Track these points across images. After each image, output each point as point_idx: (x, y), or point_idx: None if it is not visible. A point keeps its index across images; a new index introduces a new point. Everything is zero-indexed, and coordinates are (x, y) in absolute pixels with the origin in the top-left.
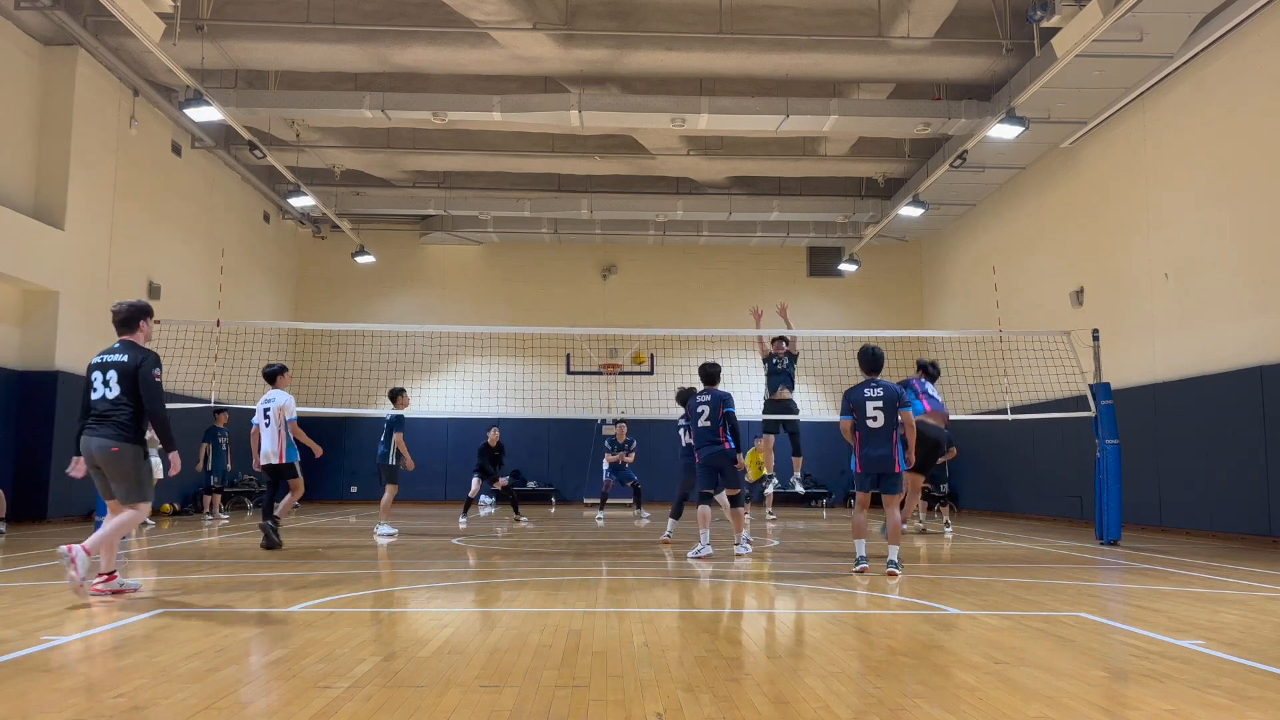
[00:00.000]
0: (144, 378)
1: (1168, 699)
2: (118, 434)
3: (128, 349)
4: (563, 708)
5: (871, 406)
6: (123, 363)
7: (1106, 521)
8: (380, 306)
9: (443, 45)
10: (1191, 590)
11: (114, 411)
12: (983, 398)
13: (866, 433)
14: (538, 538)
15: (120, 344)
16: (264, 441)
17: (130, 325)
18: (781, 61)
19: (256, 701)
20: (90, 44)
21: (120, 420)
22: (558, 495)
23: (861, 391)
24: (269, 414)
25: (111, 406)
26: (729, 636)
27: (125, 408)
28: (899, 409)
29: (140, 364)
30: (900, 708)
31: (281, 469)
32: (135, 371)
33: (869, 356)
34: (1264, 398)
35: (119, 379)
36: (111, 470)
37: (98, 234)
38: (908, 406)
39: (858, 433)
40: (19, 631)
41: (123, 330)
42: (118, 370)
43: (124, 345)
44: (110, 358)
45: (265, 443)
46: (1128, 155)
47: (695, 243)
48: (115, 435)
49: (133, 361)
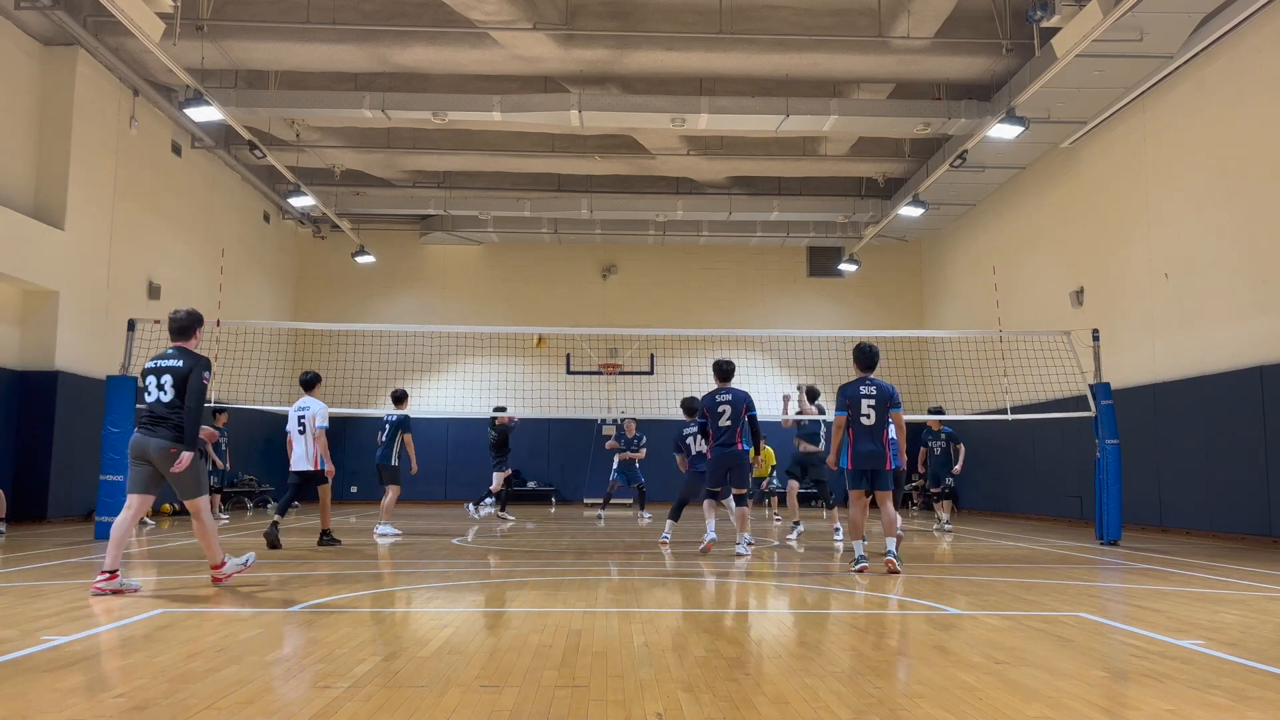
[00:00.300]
0: (194, 382)
1: (1168, 699)
2: (175, 436)
3: (182, 355)
4: (563, 708)
5: (866, 404)
6: (177, 368)
7: (1106, 521)
8: (380, 306)
9: (443, 45)
10: (1191, 590)
11: (170, 415)
12: (983, 398)
13: (859, 429)
14: (538, 538)
15: (174, 349)
16: (297, 447)
17: (186, 333)
18: (781, 61)
19: (256, 701)
20: (90, 44)
21: (176, 423)
22: (558, 495)
23: (857, 388)
24: (304, 421)
25: (167, 410)
26: (729, 636)
27: (180, 411)
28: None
29: (193, 369)
30: (900, 708)
31: (312, 475)
32: (188, 376)
33: (865, 354)
34: (1264, 398)
35: (173, 383)
36: (169, 469)
37: (98, 234)
38: (899, 407)
39: (850, 429)
40: (19, 631)
41: (178, 337)
42: (172, 375)
43: (178, 351)
44: (164, 363)
45: (298, 448)
46: (1128, 155)
47: (695, 243)
48: (173, 438)
49: (186, 367)
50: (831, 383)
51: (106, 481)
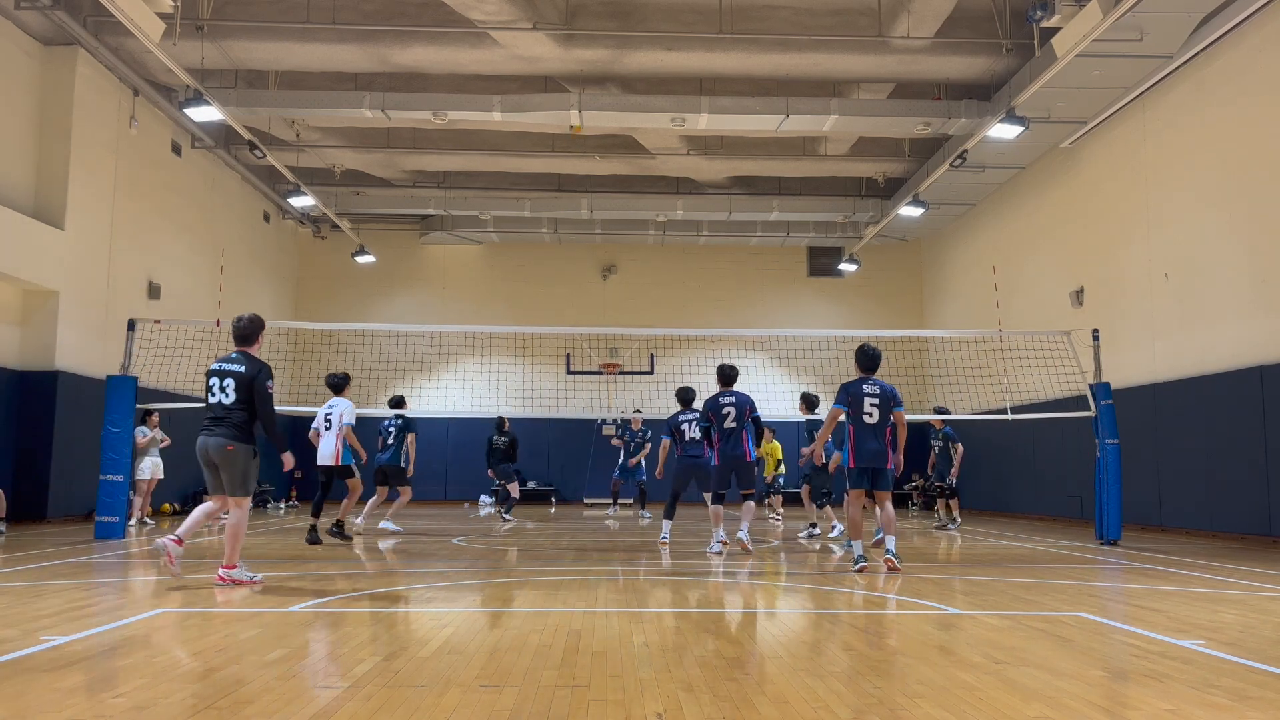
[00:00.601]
0: (259, 388)
1: (1168, 699)
2: (233, 434)
3: (245, 360)
4: (563, 708)
5: (869, 402)
6: (240, 372)
7: (1106, 521)
8: (380, 306)
9: (443, 45)
10: (1191, 590)
11: (229, 414)
12: (983, 398)
13: (862, 427)
14: (538, 538)
15: (238, 354)
16: (323, 444)
17: (249, 339)
18: (781, 61)
19: (256, 701)
20: (90, 44)
21: (235, 422)
22: (558, 495)
23: (860, 386)
24: (330, 418)
25: (227, 410)
26: (729, 636)
27: (240, 411)
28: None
29: (256, 375)
30: (900, 708)
31: (337, 470)
32: (251, 381)
33: (868, 355)
34: (1264, 398)
35: (235, 387)
36: (224, 464)
37: (98, 234)
38: (900, 406)
39: (851, 427)
40: (19, 631)
41: (241, 343)
42: (235, 379)
43: (241, 356)
44: (228, 366)
45: (324, 445)
46: (1128, 155)
47: (695, 243)
48: (230, 435)
49: (249, 372)
50: (832, 383)
51: (106, 481)
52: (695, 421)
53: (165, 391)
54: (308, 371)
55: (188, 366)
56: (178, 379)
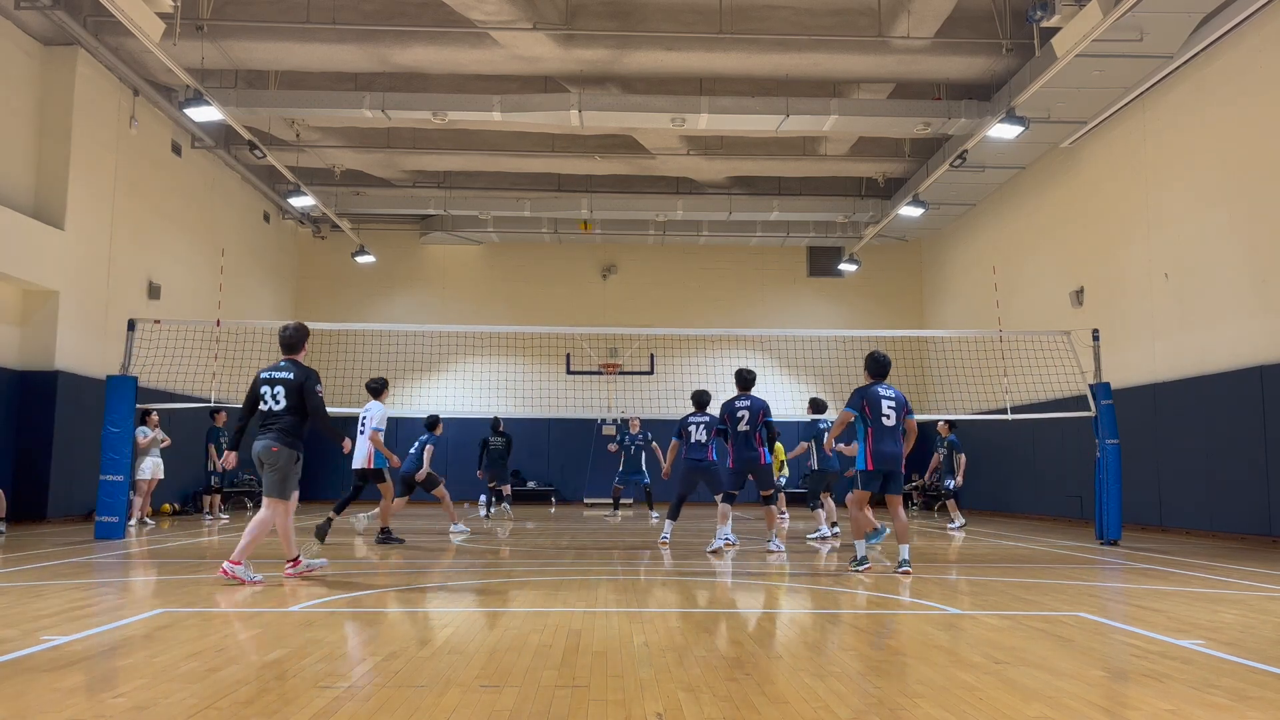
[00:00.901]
0: (309, 392)
1: (1168, 699)
2: (279, 437)
3: (293, 367)
4: (563, 708)
5: (886, 405)
6: (289, 379)
7: (1106, 521)
8: (380, 306)
9: (443, 45)
10: (1191, 590)
11: (279, 419)
12: (983, 398)
13: (880, 429)
14: (538, 538)
15: (286, 362)
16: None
17: (295, 348)
18: (781, 61)
19: (256, 701)
20: (90, 44)
21: (283, 426)
22: (558, 495)
23: (876, 389)
24: (364, 422)
25: (277, 416)
26: (729, 636)
27: (289, 416)
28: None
29: (305, 381)
30: (900, 708)
31: (369, 474)
32: (300, 386)
33: (879, 363)
34: (1264, 398)
35: (285, 393)
36: (269, 465)
37: (98, 234)
38: (912, 414)
39: (870, 429)
40: (19, 631)
41: (287, 351)
42: (284, 386)
43: (290, 364)
44: (278, 374)
45: (357, 449)
46: (1128, 155)
47: (695, 243)
48: (277, 438)
49: (298, 378)
50: (832, 383)
51: (106, 481)
52: (703, 425)
53: (165, 391)
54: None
55: (188, 367)
56: (178, 379)
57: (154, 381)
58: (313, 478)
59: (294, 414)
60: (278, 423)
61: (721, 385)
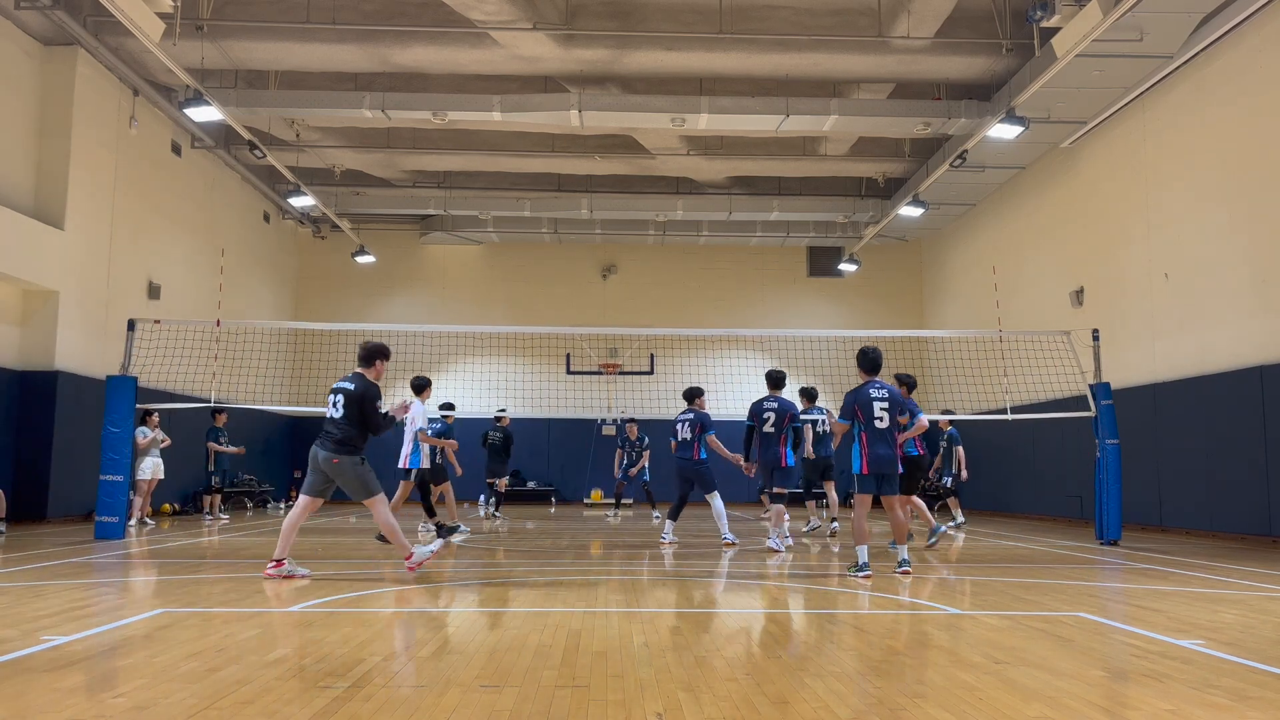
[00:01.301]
0: (367, 406)
1: (1168, 699)
2: (336, 449)
3: (357, 380)
4: (563, 708)
5: (879, 407)
6: (350, 390)
7: (1106, 521)
8: (380, 306)
9: (443, 45)
10: (1191, 590)
11: (336, 429)
12: (983, 398)
13: (873, 433)
14: (538, 538)
15: (354, 374)
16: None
17: (367, 362)
18: (781, 61)
19: (256, 701)
20: (90, 44)
21: (339, 437)
22: (558, 495)
23: (867, 392)
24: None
25: (335, 425)
26: (729, 636)
27: (345, 426)
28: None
29: (364, 395)
30: (900, 708)
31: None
32: (360, 400)
33: (870, 358)
34: (1264, 398)
35: (344, 404)
36: (336, 476)
37: (98, 234)
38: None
39: (864, 434)
40: (19, 631)
41: (360, 365)
42: (344, 396)
43: (356, 376)
44: (343, 385)
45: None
46: (1127, 155)
47: (695, 243)
48: (335, 449)
49: (358, 391)
50: (832, 383)
51: (106, 481)
52: (688, 423)
53: (165, 391)
54: (308, 371)
55: (188, 367)
56: (178, 379)
57: (154, 381)
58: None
59: (350, 424)
60: (335, 433)
61: (722, 385)
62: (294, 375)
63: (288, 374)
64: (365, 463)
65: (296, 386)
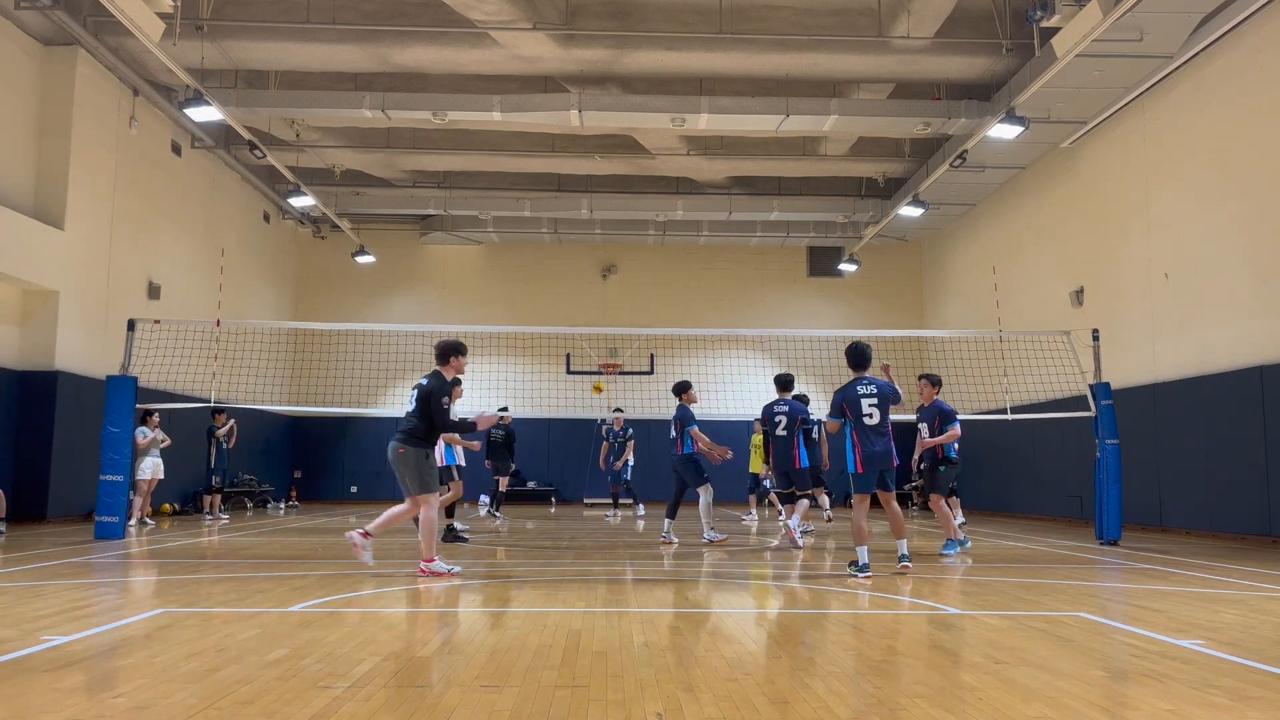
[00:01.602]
0: (434, 403)
1: (1168, 699)
2: (404, 440)
3: (432, 377)
4: (563, 708)
5: (867, 404)
6: (422, 386)
7: (1106, 521)
8: (380, 306)
9: (443, 45)
10: (1191, 590)
11: (407, 421)
12: (983, 398)
13: (865, 430)
14: (538, 538)
15: (432, 372)
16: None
17: (442, 359)
18: (781, 61)
19: (256, 701)
20: (90, 44)
21: (408, 429)
22: (558, 495)
23: (855, 389)
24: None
25: (407, 418)
26: (729, 636)
27: (416, 420)
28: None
29: (432, 391)
30: (900, 708)
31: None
32: (429, 396)
33: (858, 353)
34: (1264, 398)
35: (416, 398)
36: (398, 467)
37: (98, 234)
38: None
39: (855, 432)
40: (19, 631)
41: (438, 362)
42: (418, 391)
43: (433, 374)
44: (420, 380)
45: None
46: (1127, 155)
47: (695, 243)
48: (402, 440)
49: (428, 388)
50: (832, 383)
51: (106, 481)
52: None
53: (165, 392)
54: (308, 371)
55: (188, 367)
56: (178, 379)
57: (154, 381)
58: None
59: (421, 418)
60: (405, 425)
61: (722, 385)
62: (294, 375)
63: (288, 374)
64: (430, 459)
65: (296, 386)
